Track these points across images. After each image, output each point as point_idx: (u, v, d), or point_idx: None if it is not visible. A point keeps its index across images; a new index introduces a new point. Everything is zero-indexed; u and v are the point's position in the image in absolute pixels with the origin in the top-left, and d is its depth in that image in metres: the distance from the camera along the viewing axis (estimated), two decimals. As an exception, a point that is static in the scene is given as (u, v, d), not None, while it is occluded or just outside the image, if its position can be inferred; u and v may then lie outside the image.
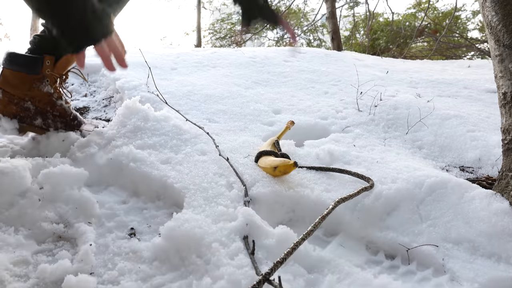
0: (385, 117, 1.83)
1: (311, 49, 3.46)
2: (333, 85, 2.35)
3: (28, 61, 1.40)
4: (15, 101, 1.40)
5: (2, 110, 1.40)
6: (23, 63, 1.39)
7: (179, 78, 2.33)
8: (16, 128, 1.44)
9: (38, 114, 1.44)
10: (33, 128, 1.45)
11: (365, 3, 7.39)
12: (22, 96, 1.41)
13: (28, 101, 1.42)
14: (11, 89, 1.40)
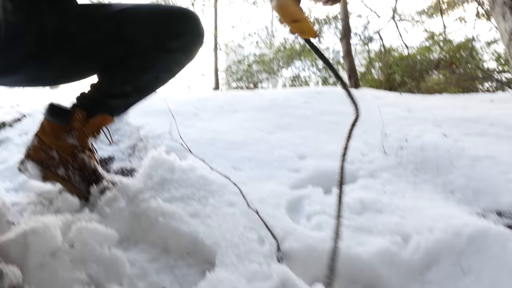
0: (412, 159, 1.79)
1: (330, 89, 3.46)
2: (356, 127, 2.33)
3: (59, 111, 1.44)
4: (44, 149, 1.45)
5: (33, 156, 1.45)
6: (55, 113, 1.44)
7: (201, 124, 2.34)
8: (41, 175, 1.47)
9: (61, 164, 1.46)
10: (56, 177, 1.48)
11: (379, 39, 7.47)
12: (50, 145, 1.45)
13: (54, 150, 1.45)
14: (44, 136, 1.45)
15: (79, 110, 1.43)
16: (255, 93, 3.25)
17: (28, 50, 1.19)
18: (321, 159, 1.82)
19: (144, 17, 1.32)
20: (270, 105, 2.75)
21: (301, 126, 2.34)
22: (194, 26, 1.35)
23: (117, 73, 1.37)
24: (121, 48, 1.32)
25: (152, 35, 1.31)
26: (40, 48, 1.22)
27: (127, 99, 1.43)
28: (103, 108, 1.44)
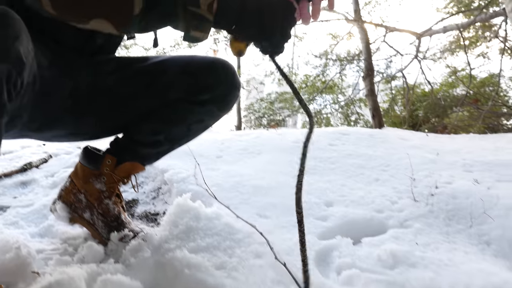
0: (444, 207, 1.74)
1: (354, 130, 3.44)
2: (382, 171, 2.29)
3: (92, 156, 1.46)
4: (74, 191, 1.47)
5: (63, 197, 1.48)
6: (87, 157, 1.46)
7: (225, 167, 2.33)
8: (68, 217, 1.49)
9: (88, 208, 1.47)
10: (82, 221, 1.49)
11: (402, 77, 7.46)
12: (80, 188, 1.47)
13: (82, 193, 1.46)
14: (75, 179, 1.48)
15: (110, 156, 1.45)
16: (278, 133, 3.25)
17: (64, 104, 1.21)
18: (348, 206, 1.78)
19: (177, 70, 1.33)
20: (294, 147, 2.73)
21: (326, 169, 2.31)
22: (229, 78, 1.34)
23: (149, 123, 1.37)
24: (154, 100, 1.34)
25: (185, 87, 1.32)
26: (75, 102, 1.24)
27: (158, 148, 1.43)
28: (133, 156, 1.44)
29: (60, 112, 1.22)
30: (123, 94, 1.32)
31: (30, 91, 1.02)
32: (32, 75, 1.01)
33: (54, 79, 1.12)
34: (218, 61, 1.36)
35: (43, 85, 1.08)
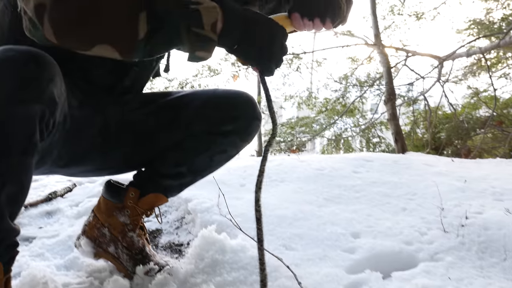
0: (476, 239, 1.68)
1: (377, 156, 3.40)
2: (409, 200, 2.24)
3: (115, 189, 1.47)
4: (97, 226, 1.47)
5: (87, 232, 1.48)
6: (110, 191, 1.47)
7: (249, 196, 2.32)
8: (93, 252, 1.49)
9: (112, 241, 1.47)
10: (107, 255, 1.49)
11: (424, 100, 7.38)
12: (103, 222, 1.47)
13: (106, 227, 1.46)
14: (99, 214, 1.48)
15: (133, 188, 1.45)
16: (300, 160, 3.23)
17: (92, 141, 1.23)
18: (376, 238, 1.74)
19: (200, 103, 1.36)
20: (317, 175, 2.70)
21: (351, 198, 2.27)
22: (250, 110, 1.37)
23: (172, 155, 1.39)
24: (178, 133, 1.36)
25: (208, 119, 1.34)
26: (103, 139, 1.26)
27: (181, 180, 1.44)
28: (157, 188, 1.45)
29: (89, 149, 1.24)
30: (149, 129, 1.35)
31: (61, 130, 1.05)
32: (63, 115, 1.04)
33: (84, 118, 1.15)
34: (239, 94, 1.40)
35: (73, 124, 1.11)
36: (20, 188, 0.93)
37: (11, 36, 1.10)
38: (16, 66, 0.85)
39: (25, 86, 0.85)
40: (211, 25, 0.90)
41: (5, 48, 0.88)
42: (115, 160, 1.37)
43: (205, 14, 0.89)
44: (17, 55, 0.86)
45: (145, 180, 1.45)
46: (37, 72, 0.86)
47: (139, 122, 1.34)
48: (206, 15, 0.89)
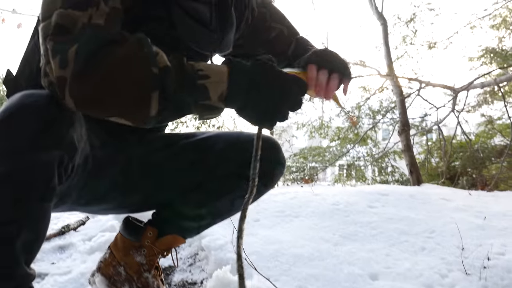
0: (499, 283, 1.63)
1: (393, 189, 3.35)
2: (428, 238, 2.19)
3: (133, 227, 1.44)
4: (113, 264, 1.43)
5: (102, 269, 1.44)
6: (127, 228, 1.44)
7: (263, 232, 2.28)
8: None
9: (127, 281, 1.44)
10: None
11: (437, 130, 7.32)
12: (119, 260, 1.43)
13: (122, 266, 1.44)
14: (115, 251, 1.45)
15: (151, 228, 1.44)
16: (315, 194, 3.19)
17: (114, 180, 1.23)
18: (395, 280, 1.69)
19: (225, 146, 1.35)
20: (332, 210, 2.66)
21: (368, 236, 2.22)
22: (275, 155, 1.35)
23: (193, 196, 1.37)
24: (201, 175, 1.34)
25: (231, 163, 1.33)
26: (125, 178, 1.26)
27: (200, 222, 1.42)
28: (175, 229, 1.43)
29: (110, 188, 1.24)
30: (171, 171, 1.34)
31: (81, 172, 1.05)
32: (84, 157, 1.04)
33: (106, 157, 1.15)
34: (264, 138, 1.38)
35: (95, 164, 1.11)
36: (37, 235, 0.92)
37: (39, 73, 1.13)
38: (36, 112, 0.86)
39: (45, 132, 0.85)
40: (218, 96, 0.92)
41: (26, 93, 0.89)
42: (136, 199, 1.37)
43: (212, 88, 0.91)
44: (38, 101, 0.87)
45: (164, 220, 1.43)
46: (57, 118, 0.87)
47: (161, 163, 1.34)
48: (213, 89, 0.91)
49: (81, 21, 0.88)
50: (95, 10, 0.90)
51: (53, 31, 0.87)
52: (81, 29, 0.87)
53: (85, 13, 0.89)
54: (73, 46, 0.84)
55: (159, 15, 1.10)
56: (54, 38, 0.86)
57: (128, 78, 0.85)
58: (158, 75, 0.86)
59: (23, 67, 1.20)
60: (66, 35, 0.86)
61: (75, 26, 0.87)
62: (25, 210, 0.87)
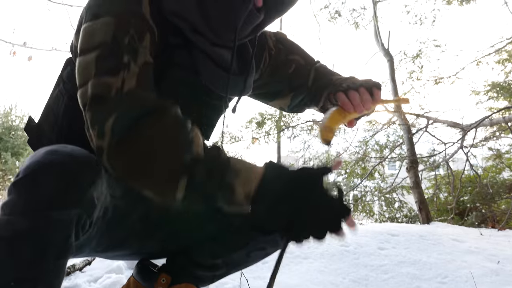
0: (517, 335, 1.57)
1: (403, 229, 3.31)
2: (441, 284, 2.14)
3: (145, 271, 1.42)
4: None
5: None
6: (141, 273, 1.42)
7: (272, 275, 2.24)
8: None
9: None
10: None
11: (446, 165, 7.27)
12: None
13: None
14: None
15: (165, 274, 1.41)
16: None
17: (132, 228, 1.23)
18: (409, 331, 1.64)
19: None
20: (342, 252, 2.62)
21: (379, 281, 2.17)
22: None
23: (210, 246, 1.36)
24: (219, 225, 1.34)
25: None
26: (143, 226, 1.26)
27: (215, 272, 1.40)
28: (189, 277, 1.40)
29: (127, 236, 1.24)
30: (189, 220, 1.33)
31: (99, 223, 1.05)
32: (104, 209, 1.04)
33: (126, 207, 1.15)
34: None
35: (114, 214, 1.11)
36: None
37: (64, 121, 1.15)
38: (59, 171, 0.86)
39: (65, 191, 0.86)
40: (244, 195, 0.89)
41: (51, 150, 0.90)
42: (152, 247, 1.35)
43: (239, 187, 0.89)
44: (60, 159, 0.88)
45: (179, 268, 1.41)
46: (78, 178, 0.88)
47: (179, 212, 1.33)
48: (239, 187, 0.89)
49: (115, 86, 0.91)
50: (126, 73, 0.93)
51: (90, 101, 0.91)
52: (116, 95, 0.90)
53: (117, 78, 0.92)
54: (110, 119, 0.87)
55: (183, 60, 1.12)
56: (92, 108, 0.90)
57: (161, 160, 0.88)
58: (189, 164, 0.87)
59: (47, 114, 1.22)
60: (103, 104, 0.90)
61: (109, 93, 0.90)
62: (42, 268, 0.86)
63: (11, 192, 0.85)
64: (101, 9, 1.00)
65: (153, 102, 0.93)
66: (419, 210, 5.19)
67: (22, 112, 14.12)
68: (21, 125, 13.58)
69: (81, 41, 0.98)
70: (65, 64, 1.22)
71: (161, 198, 0.92)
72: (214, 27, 1.10)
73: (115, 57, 0.94)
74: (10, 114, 13.84)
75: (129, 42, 0.97)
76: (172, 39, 1.11)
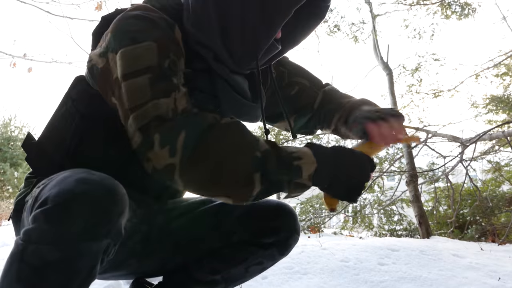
0: None
1: (403, 244, 3.29)
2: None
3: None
4: None
5: None
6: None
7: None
8: None
9: None
10: None
11: (445, 178, 7.26)
12: None
13: None
14: None
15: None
16: (323, 248, 3.13)
17: (133, 249, 1.23)
18: None
19: (242, 212, 1.37)
20: (342, 267, 2.60)
21: (380, 298, 2.16)
22: (291, 223, 1.36)
23: (209, 262, 1.37)
24: (218, 241, 1.34)
25: (249, 230, 1.33)
26: (144, 246, 1.27)
27: (213, 287, 1.39)
28: None
29: (127, 256, 1.24)
30: (189, 237, 1.35)
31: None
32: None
33: (131, 229, 1.15)
34: (282, 205, 1.40)
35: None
36: None
37: (73, 141, 1.15)
38: (91, 202, 0.86)
39: (97, 222, 0.87)
40: (308, 175, 1.00)
41: (80, 178, 0.89)
42: (151, 266, 1.35)
43: (305, 168, 0.99)
44: (92, 189, 0.88)
45: (177, 285, 1.41)
46: (110, 208, 0.89)
47: (180, 230, 1.34)
48: (306, 169, 0.99)
49: (170, 107, 0.97)
50: (177, 93, 0.99)
51: (154, 122, 0.95)
52: (173, 115, 0.96)
53: (171, 99, 0.97)
54: (180, 136, 0.93)
55: (204, 85, 1.16)
56: (158, 129, 0.94)
57: (235, 163, 0.94)
58: (261, 158, 0.95)
59: (50, 132, 1.22)
60: (165, 123, 0.95)
61: (168, 113, 0.96)
62: None
63: (37, 220, 0.85)
64: (139, 34, 1.03)
65: (210, 117, 0.99)
66: (419, 224, 5.17)
67: (21, 123, 14.17)
68: (20, 136, 13.61)
69: (124, 65, 1.01)
70: (73, 82, 1.23)
71: (238, 199, 0.98)
72: (236, 57, 1.15)
73: (166, 79, 1.00)
74: (9, 124, 13.86)
75: (170, 66, 1.02)
76: (196, 65, 1.15)
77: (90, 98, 1.16)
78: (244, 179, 0.94)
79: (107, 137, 1.15)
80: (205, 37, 1.13)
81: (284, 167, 0.97)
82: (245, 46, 1.12)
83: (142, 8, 1.11)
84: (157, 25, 1.06)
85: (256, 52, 1.13)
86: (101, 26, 1.18)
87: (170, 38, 1.07)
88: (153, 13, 1.08)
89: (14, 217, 1.18)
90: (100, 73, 1.08)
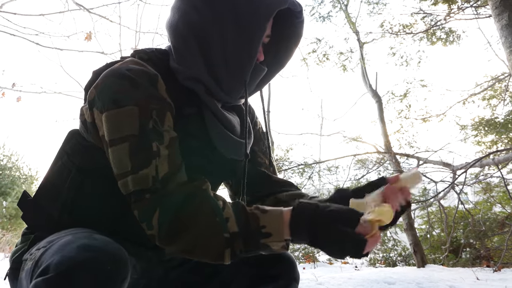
0: None
1: (399, 276, 3.28)
2: None
3: None
4: None
5: None
6: None
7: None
8: None
9: None
10: None
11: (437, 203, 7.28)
12: None
13: None
14: None
15: None
16: (318, 282, 3.11)
17: None
18: None
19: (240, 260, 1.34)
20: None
21: (378, 337, 2.13)
22: (290, 270, 1.32)
23: None
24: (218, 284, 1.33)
25: (248, 277, 1.31)
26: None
27: None
28: None
29: None
30: (188, 284, 1.33)
31: None
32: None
33: (132, 284, 1.14)
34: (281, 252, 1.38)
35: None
36: None
37: (70, 194, 1.16)
38: (94, 270, 0.85)
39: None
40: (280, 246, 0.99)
41: (81, 245, 0.89)
42: None
43: (274, 244, 0.99)
44: (95, 256, 0.87)
45: None
46: (113, 276, 0.88)
47: (178, 280, 1.32)
48: (275, 245, 0.99)
49: (151, 175, 0.99)
50: (158, 159, 1.00)
51: (134, 197, 0.99)
52: (153, 184, 0.99)
53: (151, 167, 0.99)
54: (155, 214, 0.97)
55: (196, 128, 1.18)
56: (136, 205, 0.99)
57: (207, 241, 0.99)
58: (229, 239, 0.98)
59: (46, 188, 1.21)
60: (144, 199, 0.98)
61: (147, 184, 0.99)
62: None
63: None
64: (120, 96, 1.04)
65: (186, 188, 1.01)
66: (414, 252, 5.15)
67: (10, 151, 14.04)
68: (8, 165, 13.47)
69: (108, 131, 1.03)
70: (68, 136, 1.23)
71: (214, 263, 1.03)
72: (225, 85, 1.17)
73: (145, 148, 1.01)
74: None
75: (154, 127, 1.03)
76: (187, 110, 1.16)
77: (85, 151, 1.16)
78: (216, 254, 0.99)
79: (103, 189, 1.14)
80: (192, 71, 1.16)
81: (252, 247, 1.00)
82: (230, 69, 1.14)
83: (129, 62, 1.12)
84: (139, 84, 1.05)
85: (243, 74, 1.15)
86: (92, 81, 1.17)
87: (152, 96, 1.06)
88: (138, 67, 1.09)
89: (10, 275, 1.16)
90: (92, 127, 1.10)
